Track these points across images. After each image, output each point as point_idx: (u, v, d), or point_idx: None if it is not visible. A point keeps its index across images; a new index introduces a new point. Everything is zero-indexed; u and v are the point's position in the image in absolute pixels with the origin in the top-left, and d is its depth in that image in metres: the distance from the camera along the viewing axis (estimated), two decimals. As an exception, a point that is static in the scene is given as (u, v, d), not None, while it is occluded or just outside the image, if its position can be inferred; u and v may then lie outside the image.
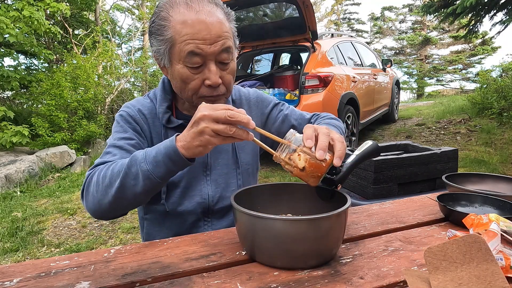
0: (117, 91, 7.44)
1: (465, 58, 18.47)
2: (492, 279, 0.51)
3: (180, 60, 0.82)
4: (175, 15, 0.82)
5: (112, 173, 0.77)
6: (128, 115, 0.94)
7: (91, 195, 0.80)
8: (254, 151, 1.07)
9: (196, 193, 0.94)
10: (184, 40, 0.80)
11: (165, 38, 0.82)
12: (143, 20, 10.40)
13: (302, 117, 1.11)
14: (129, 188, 0.75)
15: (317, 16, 24.80)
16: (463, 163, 4.17)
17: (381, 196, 1.78)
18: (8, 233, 2.91)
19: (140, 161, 0.74)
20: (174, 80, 0.88)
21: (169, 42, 0.82)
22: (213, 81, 0.84)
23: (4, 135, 4.85)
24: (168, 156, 0.71)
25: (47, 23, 5.56)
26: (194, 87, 0.85)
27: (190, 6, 0.81)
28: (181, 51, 0.81)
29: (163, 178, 0.74)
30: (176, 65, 0.84)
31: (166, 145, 0.72)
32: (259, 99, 1.11)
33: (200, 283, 0.58)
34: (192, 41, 0.80)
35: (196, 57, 0.81)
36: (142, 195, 0.78)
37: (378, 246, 0.71)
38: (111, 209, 0.79)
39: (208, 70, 0.84)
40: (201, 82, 0.85)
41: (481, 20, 5.61)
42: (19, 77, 5.77)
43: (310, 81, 4.14)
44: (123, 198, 0.77)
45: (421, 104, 10.18)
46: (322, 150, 0.65)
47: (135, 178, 0.74)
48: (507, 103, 6.02)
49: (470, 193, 0.92)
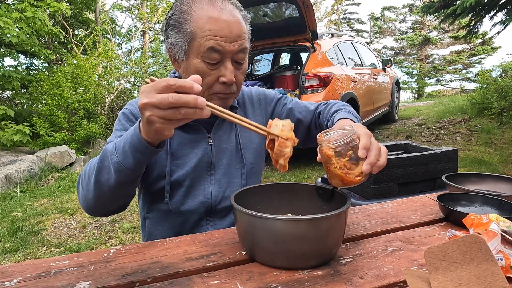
0: (117, 91, 7.44)
1: (465, 58, 18.47)
2: (492, 279, 0.51)
3: (199, 54, 0.83)
4: (198, 10, 0.83)
5: (90, 168, 0.77)
6: (130, 113, 0.94)
7: (80, 191, 0.81)
8: (259, 150, 1.06)
9: (199, 192, 0.94)
10: (206, 36, 0.81)
11: (186, 31, 0.83)
12: (143, 20, 10.40)
13: (306, 109, 1.10)
14: (104, 182, 0.74)
15: (317, 16, 24.80)
16: (463, 163, 4.17)
17: (381, 196, 1.78)
18: (8, 233, 2.91)
19: (111, 153, 0.72)
20: (188, 75, 0.85)
21: (190, 35, 0.83)
22: (229, 79, 0.85)
23: (5, 134, 4.85)
24: (134, 146, 0.68)
25: (49, 24, 5.57)
26: (208, 82, 0.86)
27: (213, 4, 0.84)
28: (201, 46, 0.82)
29: (133, 169, 0.72)
30: (193, 59, 0.85)
31: (131, 133, 0.70)
32: (261, 96, 1.11)
33: (200, 283, 0.58)
34: (214, 37, 0.81)
35: (216, 53, 0.83)
36: (118, 189, 0.76)
37: (378, 246, 0.71)
38: (98, 204, 0.79)
39: (224, 67, 0.85)
40: (216, 78, 0.86)
41: (481, 20, 5.61)
42: (19, 77, 5.77)
43: (310, 81, 4.14)
44: (102, 192, 0.76)
45: (421, 104, 10.18)
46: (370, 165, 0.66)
47: (108, 172, 0.73)
48: (507, 103, 6.02)
49: (470, 193, 0.92)
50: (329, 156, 0.67)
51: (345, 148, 0.66)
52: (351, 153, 0.66)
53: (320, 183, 0.80)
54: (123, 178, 0.72)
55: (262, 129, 0.70)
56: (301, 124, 1.08)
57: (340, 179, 0.67)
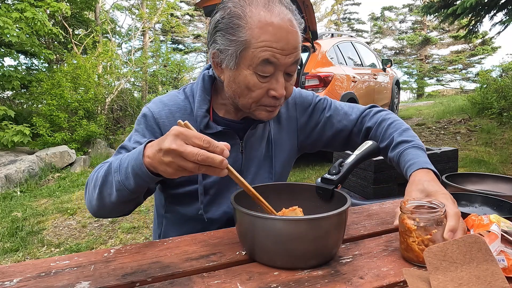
0: (117, 91, 7.44)
1: (465, 58, 18.48)
2: (492, 279, 0.51)
3: (251, 66, 0.76)
4: (253, 16, 0.74)
5: (97, 177, 0.76)
6: (152, 117, 0.88)
7: (86, 194, 0.81)
8: (289, 161, 1.02)
9: (224, 201, 0.91)
10: (262, 46, 0.74)
11: (239, 40, 0.75)
12: (143, 20, 10.39)
13: (347, 118, 1.01)
14: (106, 197, 0.74)
15: (317, 16, 24.80)
16: (463, 163, 4.17)
17: (381, 196, 1.78)
18: (8, 233, 2.91)
19: (115, 170, 0.71)
20: (235, 85, 0.80)
21: (243, 45, 0.75)
22: (279, 93, 0.79)
23: (5, 135, 4.85)
24: (135, 171, 0.67)
25: (49, 24, 5.56)
26: (257, 95, 0.79)
27: (271, 10, 0.75)
28: (255, 57, 0.75)
29: (134, 191, 0.71)
30: (244, 70, 0.77)
31: (135, 157, 0.67)
32: (298, 99, 1.02)
33: (200, 283, 0.58)
34: (270, 49, 0.74)
35: (270, 66, 0.76)
36: (119, 204, 0.75)
37: (378, 246, 0.71)
38: (101, 211, 0.79)
39: (276, 80, 0.78)
40: (266, 91, 0.79)
41: (481, 20, 5.61)
42: (19, 77, 5.77)
43: (310, 81, 4.14)
44: (104, 204, 0.76)
45: (421, 104, 10.18)
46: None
47: (110, 187, 0.72)
48: (507, 103, 6.02)
49: (470, 193, 0.92)
50: (410, 229, 0.63)
51: (430, 225, 0.62)
52: (436, 232, 0.62)
53: (320, 183, 0.80)
54: (124, 196, 0.72)
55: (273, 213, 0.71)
56: (340, 133, 1.01)
57: (416, 254, 0.62)
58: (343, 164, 0.81)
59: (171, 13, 12.03)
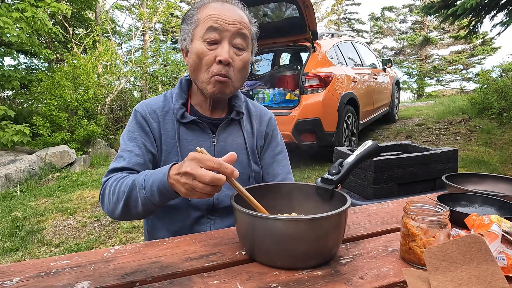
0: (117, 91, 7.44)
1: (465, 58, 18.46)
2: (492, 279, 0.51)
3: (201, 37, 0.90)
4: (205, 6, 0.93)
5: (118, 191, 0.84)
6: (140, 115, 0.99)
7: (106, 204, 0.89)
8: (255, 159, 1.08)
9: None
10: (207, 18, 0.90)
11: (192, 21, 0.93)
12: (143, 20, 10.39)
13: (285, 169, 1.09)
14: (132, 208, 0.83)
15: (317, 16, 24.79)
16: (463, 163, 4.17)
17: (381, 196, 1.77)
18: (8, 232, 2.91)
19: (139, 187, 0.80)
20: (191, 59, 0.93)
21: (195, 23, 0.92)
22: (224, 57, 0.88)
23: (5, 134, 4.85)
24: (160, 189, 0.76)
25: (49, 24, 5.56)
26: (207, 62, 0.90)
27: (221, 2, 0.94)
28: (203, 28, 0.90)
29: (159, 205, 0.80)
30: (195, 42, 0.91)
31: (159, 177, 0.76)
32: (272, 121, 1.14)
33: (200, 283, 0.58)
34: (214, 18, 0.89)
35: (214, 32, 0.89)
36: (145, 213, 0.85)
37: (378, 246, 0.71)
38: (124, 218, 0.88)
39: (221, 47, 0.90)
40: (214, 58, 0.90)
41: (482, 21, 5.61)
42: (19, 76, 5.76)
43: (310, 81, 4.14)
44: (129, 214, 0.85)
45: (421, 104, 10.18)
46: None
47: (135, 201, 0.81)
48: (507, 103, 6.02)
49: (470, 193, 0.92)
50: (413, 232, 0.63)
51: (434, 228, 0.62)
52: (440, 234, 0.61)
53: (320, 183, 0.80)
54: (149, 209, 0.81)
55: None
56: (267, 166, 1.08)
57: (418, 257, 0.62)
58: (343, 164, 0.81)
59: (171, 12, 12.01)
